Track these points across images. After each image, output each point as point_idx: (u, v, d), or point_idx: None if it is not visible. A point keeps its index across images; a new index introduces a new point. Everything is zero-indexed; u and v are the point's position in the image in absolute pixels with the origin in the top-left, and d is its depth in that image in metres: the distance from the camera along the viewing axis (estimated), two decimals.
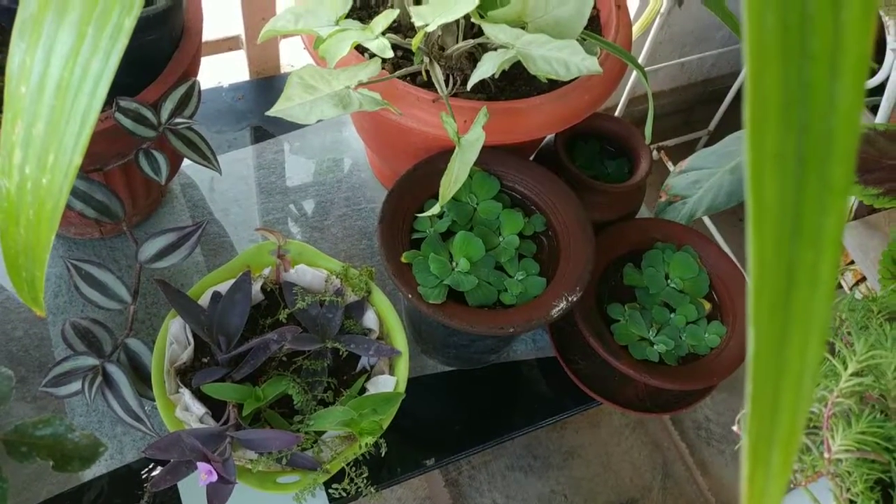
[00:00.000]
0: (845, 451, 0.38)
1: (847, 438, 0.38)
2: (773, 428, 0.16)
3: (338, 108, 0.62)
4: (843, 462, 0.39)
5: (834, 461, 0.39)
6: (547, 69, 0.59)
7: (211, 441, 0.61)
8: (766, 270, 0.15)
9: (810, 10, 0.14)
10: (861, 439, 0.38)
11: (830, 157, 0.15)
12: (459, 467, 1.18)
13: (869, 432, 0.38)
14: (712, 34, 1.54)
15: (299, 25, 0.63)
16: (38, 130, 0.26)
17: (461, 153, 0.62)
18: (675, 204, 0.93)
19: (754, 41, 0.14)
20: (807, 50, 0.14)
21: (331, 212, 0.93)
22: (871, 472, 0.39)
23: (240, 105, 1.00)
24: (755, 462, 0.16)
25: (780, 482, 0.17)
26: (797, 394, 0.16)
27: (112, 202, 0.68)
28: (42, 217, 0.27)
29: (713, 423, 1.30)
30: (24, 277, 0.29)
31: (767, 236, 0.15)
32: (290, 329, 0.66)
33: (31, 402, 0.74)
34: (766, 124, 0.15)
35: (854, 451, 0.38)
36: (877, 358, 0.39)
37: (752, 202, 0.15)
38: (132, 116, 0.66)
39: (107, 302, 0.68)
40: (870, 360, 0.39)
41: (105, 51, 0.25)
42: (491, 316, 0.66)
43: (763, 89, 0.15)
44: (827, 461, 0.39)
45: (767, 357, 0.16)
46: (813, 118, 0.15)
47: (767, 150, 0.15)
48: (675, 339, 0.75)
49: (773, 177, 0.15)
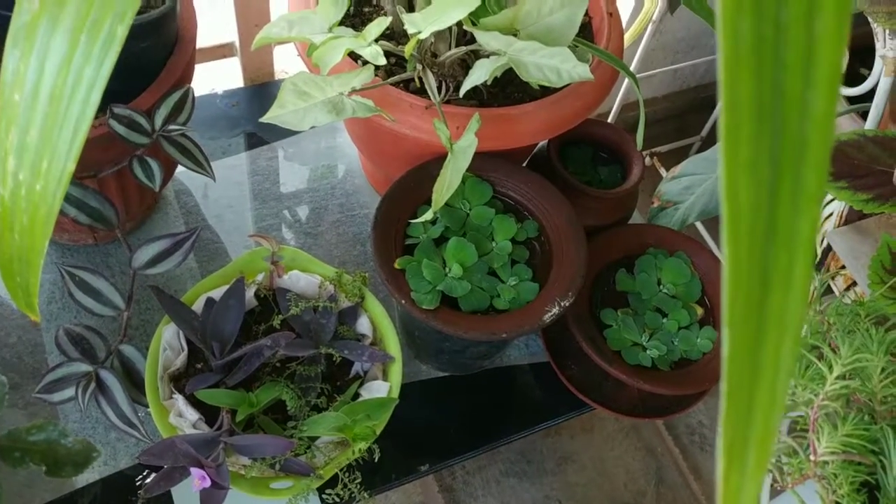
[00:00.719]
0: (831, 453, 0.38)
1: (833, 441, 0.39)
2: (748, 428, 0.16)
3: (331, 115, 0.63)
4: (830, 464, 0.39)
5: (820, 463, 0.39)
6: (539, 76, 0.59)
7: (204, 447, 0.61)
8: (740, 273, 0.16)
9: (784, 19, 0.14)
10: (847, 442, 0.39)
11: (804, 163, 0.15)
12: (454, 473, 1.18)
13: (855, 435, 0.39)
14: (704, 41, 1.55)
15: (293, 32, 0.64)
16: (31, 137, 0.26)
17: (454, 159, 0.62)
18: (668, 209, 0.93)
19: (728, 50, 0.14)
20: (781, 58, 0.15)
21: (324, 218, 0.93)
22: (857, 474, 0.40)
23: (233, 111, 1.01)
24: (730, 461, 0.17)
25: (755, 481, 0.17)
26: (772, 394, 0.16)
27: (106, 209, 0.68)
28: (36, 223, 0.27)
29: (706, 428, 1.30)
30: (19, 283, 0.29)
31: (742, 239, 0.16)
32: (283, 335, 0.67)
33: (24, 408, 0.74)
34: (740, 131, 0.15)
35: (840, 454, 0.38)
36: (862, 361, 0.39)
37: (727, 206, 0.16)
38: (126, 123, 0.66)
39: (101, 308, 0.68)
40: (855, 364, 0.39)
41: (98, 58, 0.25)
42: (484, 321, 0.67)
43: (737, 97, 0.15)
44: (813, 464, 0.40)
45: (742, 358, 0.16)
46: (787, 125, 0.15)
47: (741, 156, 0.15)
48: (668, 345, 0.76)
49: (746, 182, 0.15)
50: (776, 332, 0.16)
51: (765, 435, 0.17)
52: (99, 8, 0.24)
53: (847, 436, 0.39)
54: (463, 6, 0.56)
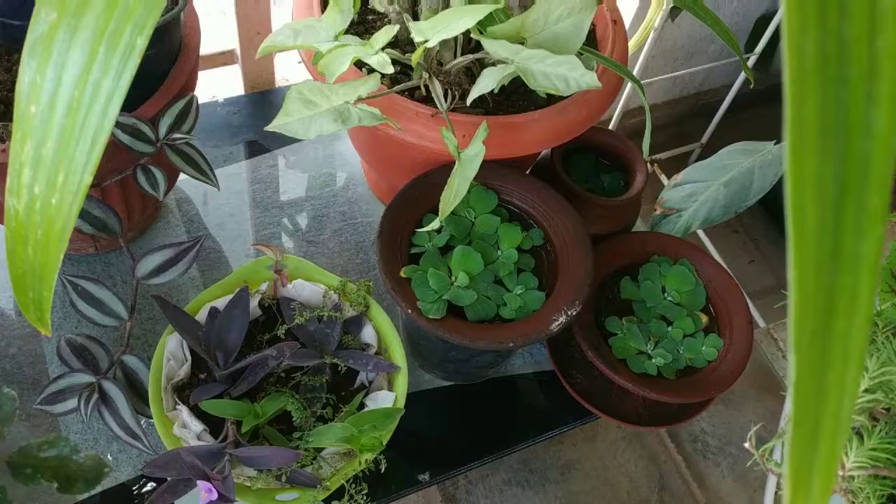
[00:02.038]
0: (859, 467, 0.38)
1: (860, 455, 0.38)
2: (813, 453, 0.16)
3: (337, 124, 0.62)
4: (856, 478, 0.39)
5: (847, 478, 0.39)
6: (546, 84, 0.59)
7: (210, 458, 0.60)
8: (806, 297, 0.15)
9: (847, 36, 0.14)
10: (873, 455, 0.38)
11: (867, 183, 0.15)
12: (456, 482, 1.17)
13: (880, 448, 0.39)
14: (704, 48, 1.56)
15: (298, 41, 0.63)
16: (47, 150, 0.26)
17: (461, 168, 0.62)
18: (671, 217, 0.93)
19: (795, 69, 0.14)
20: (844, 75, 0.14)
21: (326, 226, 0.93)
22: (883, 487, 0.39)
23: (235, 119, 1.00)
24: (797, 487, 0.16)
25: None
26: (837, 419, 0.16)
27: (109, 218, 0.68)
28: (51, 237, 0.26)
29: (709, 436, 1.30)
30: (31, 297, 0.29)
31: (808, 263, 0.15)
32: (288, 345, 0.66)
33: (26, 419, 0.73)
34: (806, 150, 0.15)
35: (868, 468, 0.38)
36: (888, 374, 0.39)
37: (794, 228, 0.15)
38: (130, 132, 0.65)
39: (103, 318, 0.67)
40: (881, 377, 0.39)
41: (117, 70, 0.24)
42: (490, 331, 0.66)
43: (803, 114, 0.15)
44: (840, 478, 0.39)
45: (809, 383, 0.16)
46: (850, 144, 0.15)
47: (807, 175, 0.15)
48: (673, 353, 0.75)
49: (812, 202, 0.15)
50: (841, 356, 0.16)
51: (829, 461, 0.16)
52: (118, 19, 0.24)
53: (873, 449, 0.38)
54: (471, 15, 0.56)
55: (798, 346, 0.16)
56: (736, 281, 0.80)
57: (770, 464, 0.49)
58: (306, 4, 0.74)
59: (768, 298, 1.55)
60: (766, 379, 1.31)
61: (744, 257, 1.69)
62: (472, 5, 0.60)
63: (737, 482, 1.26)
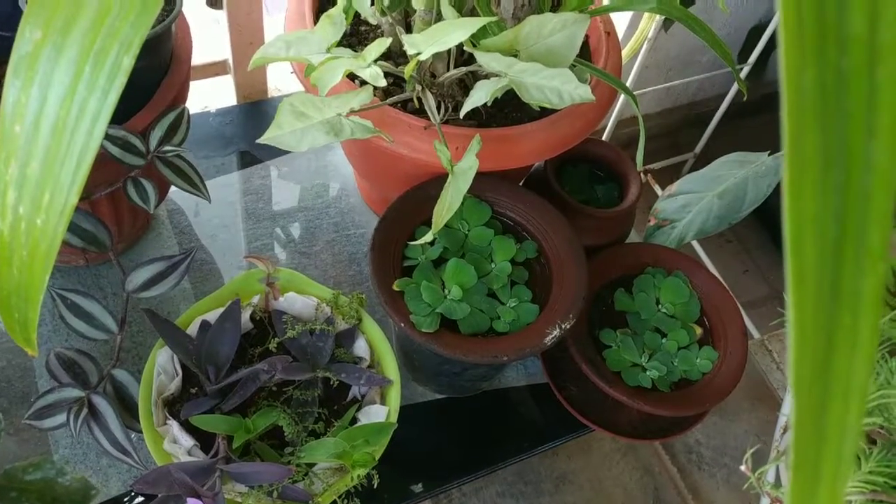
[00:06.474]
0: (858, 492, 0.38)
1: (858, 479, 0.38)
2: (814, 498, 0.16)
3: (329, 136, 0.62)
4: (854, 502, 0.38)
5: (845, 502, 0.39)
6: (540, 97, 0.59)
7: (200, 475, 0.59)
8: (806, 336, 0.15)
9: (845, 67, 0.14)
10: (871, 479, 0.38)
11: (868, 219, 0.15)
12: (450, 495, 1.17)
13: (877, 472, 0.38)
14: (697, 58, 1.56)
15: (290, 53, 0.63)
16: (32, 170, 0.25)
17: (454, 181, 0.61)
18: (665, 228, 0.93)
19: (793, 101, 0.14)
20: (843, 108, 0.14)
21: (319, 237, 0.92)
22: None
23: (227, 130, 1.00)
24: None
25: None
26: (838, 462, 0.16)
27: (99, 231, 0.67)
28: (36, 258, 0.26)
29: (703, 447, 1.30)
30: (17, 318, 0.28)
31: (807, 300, 0.15)
32: (280, 359, 0.65)
33: (14, 434, 0.72)
34: (805, 185, 0.14)
35: (866, 493, 0.37)
36: (885, 398, 0.39)
37: (793, 265, 0.15)
38: (120, 144, 0.65)
39: (93, 332, 0.67)
40: (879, 400, 0.39)
41: (103, 89, 0.24)
42: (484, 344, 0.66)
43: (802, 148, 0.14)
44: None
45: (809, 424, 0.15)
46: (850, 178, 0.15)
47: (807, 211, 0.14)
48: (668, 365, 0.75)
49: (812, 239, 0.15)
50: (842, 396, 0.15)
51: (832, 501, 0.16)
52: (104, 38, 0.23)
53: (870, 472, 0.38)
54: (465, 28, 0.56)
55: (798, 387, 0.16)
56: (730, 292, 0.80)
57: (766, 487, 0.49)
58: (299, 16, 0.74)
59: (763, 308, 1.55)
60: (761, 390, 1.30)
61: (738, 267, 1.70)
62: (465, 18, 0.60)
63: (731, 493, 1.26)
